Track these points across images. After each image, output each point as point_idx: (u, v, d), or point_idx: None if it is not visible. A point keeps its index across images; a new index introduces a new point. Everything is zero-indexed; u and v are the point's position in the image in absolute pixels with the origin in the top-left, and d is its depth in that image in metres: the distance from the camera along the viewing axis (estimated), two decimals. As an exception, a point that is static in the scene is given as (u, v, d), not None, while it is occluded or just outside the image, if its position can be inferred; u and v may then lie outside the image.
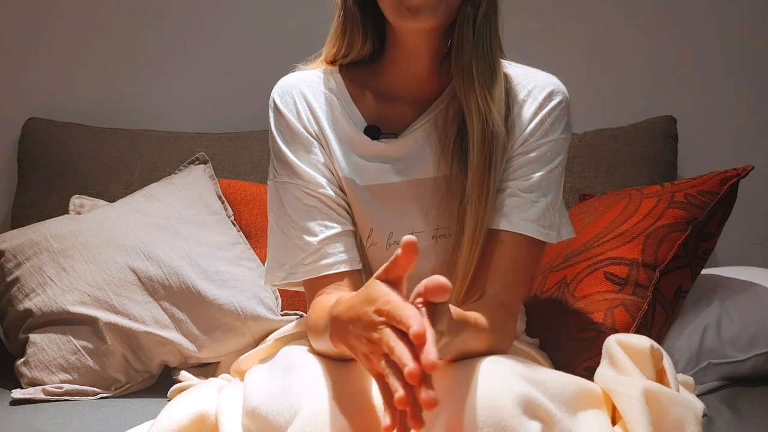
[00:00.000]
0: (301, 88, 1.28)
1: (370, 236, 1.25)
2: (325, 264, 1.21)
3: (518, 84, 1.26)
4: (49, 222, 1.60)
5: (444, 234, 1.24)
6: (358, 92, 1.28)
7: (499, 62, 1.22)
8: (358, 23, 1.23)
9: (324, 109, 1.27)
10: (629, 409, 1.06)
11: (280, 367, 1.15)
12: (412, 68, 1.26)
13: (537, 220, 1.21)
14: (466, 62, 1.19)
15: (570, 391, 1.07)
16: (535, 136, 1.24)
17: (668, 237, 1.43)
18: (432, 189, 1.24)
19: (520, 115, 1.24)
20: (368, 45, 1.25)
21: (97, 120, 2.05)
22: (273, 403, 1.06)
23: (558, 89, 1.26)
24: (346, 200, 1.25)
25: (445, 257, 1.24)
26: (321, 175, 1.24)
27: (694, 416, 1.11)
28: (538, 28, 2.08)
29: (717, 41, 2.09)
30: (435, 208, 1.24)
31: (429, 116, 1.26)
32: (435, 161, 1.24)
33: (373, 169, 1.25)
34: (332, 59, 1.28)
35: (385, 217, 1.25)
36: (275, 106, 1.28)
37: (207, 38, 2.11)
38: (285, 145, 1.26)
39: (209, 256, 1.56)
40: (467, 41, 1.19)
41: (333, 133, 1.26)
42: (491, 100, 1.19)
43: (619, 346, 1.19)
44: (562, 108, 1.26)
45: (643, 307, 1.38)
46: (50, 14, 2.09)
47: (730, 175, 1.47)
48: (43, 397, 1.42)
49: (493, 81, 1.20)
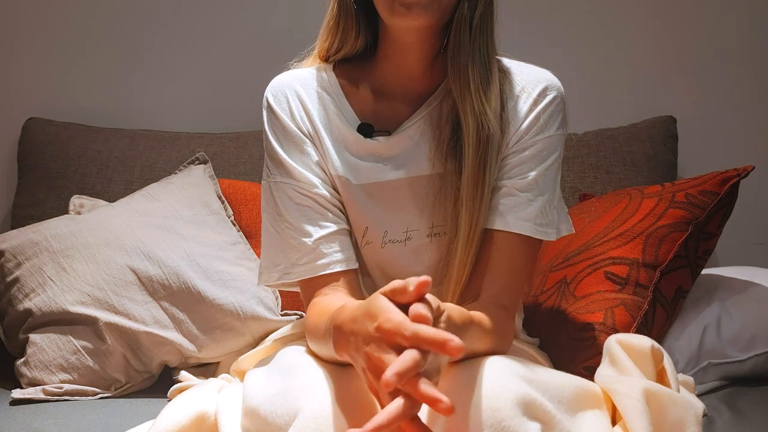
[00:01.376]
0: (295, 86, 1.27)
1: (365, 235, 1.24)
2: (321, 264, 1.20)
3: (512, 80, 1.25)
4: (49, 222, 1.60)
5: (438, 233, 1.24)
6: (352, 89, 1.27)
7: (494, 63, 1.21)
8: (352, 16, 1.22)
9: (317, 107, 1.26)
10: (629, 409, 1.06)
11: (279, 368, 1.15)
12: (405, 64, 1.25)
13: (534, 219, 1.21)
14: (462, 64, 1.18)
15: (570, 392, 1.07)
16: (530, 134, 1.23)
17: (669, 237, 1.43)
18: (427, 186, 1.24)
19: (515, 111, 1.23)
20: (361, 40, 1.25)
21: (97, 120, 2.05)
22: (272, 405, 1.06)
23: (552, 84, 1.25)
24: (340, 200, 1.25)
25: (440, 256, 1.24)
26: (314, 175, 1.23)
27: (694, 416, 1.11)
28: (538, 27, 2.08)
29: (717, 41, 2.09)
30: (429, 207, 1.24)
31: (423, 113, 1.25)
32: (429, 159, 1.24)
33: (367, 167, 1.24)
34: (325, 54, 1.28)
35: (379, 215, 1.24)
36: (269, 105, 1.27)
37: (207, 38, 2.11)
38: (278, 145, 1.25)
39: (209, 256, 1.56)
40: (464, 43, 1.18)
41: (326, 132, 1.25)
42: (486, 102, 1.18)
43: (619, 346, 1.19)
44: (557, 104, 1.25)
45: (644, 307, 1.38)
46: (50, 14, 2.09)
47: (730, 175, 1.47)
48: (43, 397, 1.42)
49: (488, 83, 1.19)
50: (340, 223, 1.23)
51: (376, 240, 1.25)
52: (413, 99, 1.26)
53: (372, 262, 1.26)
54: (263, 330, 1.51)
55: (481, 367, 1.03)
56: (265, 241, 1.26)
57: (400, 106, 1.26)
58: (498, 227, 1.20)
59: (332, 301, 1.16)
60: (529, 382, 1.02)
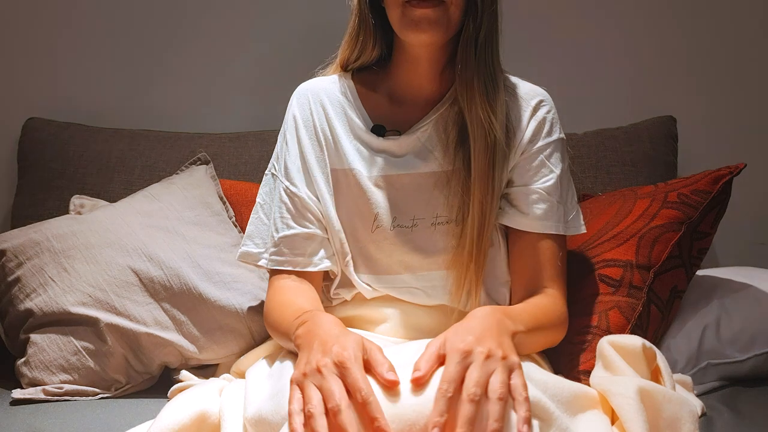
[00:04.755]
0: (318, 93, 1.41)
1: (375, 220, 1.35)
2: (280, 260, 1.35)
3: (512, 93, 1.37)
4: (51, 222, 1.59)
5: (442, 222, 1.34)
6: (368, 94, 1.41)
7: (500, 76, 1.34)
8: (370, 29, 1.36)
9: (337, 110, 1.40)
10: (625, 408, 1.07)
11: (278, 370, 1.16)
12: (415, 74, 1.37)
13: (554, 218, 1.33)
14: (468, 79, 1.30)
15: (569, 393, 1.08)
16: (534, 142, 1.35)
17: (662, 237, 1.43)
18: (433, 182, 1.34)
19: (518, 120, 1.36)
20: (377, 50, 1.38)
21: (97, 120, 2.05)
22: (272, 404, 1.07)
23: (545, 97, 1.39)
24: (320, 210, 1.36)
25: (446, 243, 1.33)
26: (306, 184, 1.37)
27: (690, 413, 1.12)
28: (538, 28, 2.08)
29: (717, 41, 2.09)
30: (435, 199, 1.34)
31: (431, 117, 1.36)
32: (436, 158, 1.35)
33: (379, 162, 1.36)
34: (345, 63, 1.42)
35: (388, 204, 1.35)
36: (292, 108, 1.42)
37: (207, 38, 2.11)
38: (287, 145, 1.40)
39: (210, 257, 1.56)
40: (470, 59, 1.30)
41: (344, 132, 1.38)
42: (493, 113, 1.30)
43: (611, 347, 1.20)
44: (554, 113, 1.39)
45: (638, 309, 1.38)
46: (50, 14, 2.09)
47: (722, 173, 1.47)
48: (44, 397, 1.42)
49: (495, 95, 1.31)
50: (311, 228, 1.35)
51: (385, 224, 1.34)
52: (423, 104, 1.38)
53: (384, 242, 1.34)
54: (264, 331, 1.51)
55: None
56: (253, 219, 1.41)
57: (410, 111, 1.39)
58: (520, 227, 1.34)
59: (292, 294, 1.32)
60: (529, 380, 1.03)
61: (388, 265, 1.34)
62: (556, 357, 1.37)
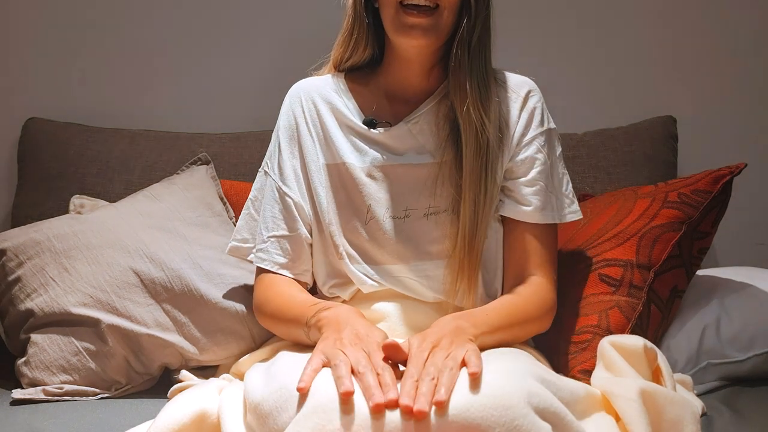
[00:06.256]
0: (310, 91, 1.45)
1: (369, 212, 1.38)
2: (264, 259, 1.41)
3: (503, 86, 1.40)
4: (52, 221, 1.59)
5: (434, 212, 1.36)
6: (359, 91, 1.44)
7: (491, 76, 1.37)
8: (363, 30, 1.40)
9: (329, 107, 1.43)
10: (628, 411, 1.07)
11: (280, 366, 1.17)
12: (405, 73, 1.41)
13: (544, 208, 1.36)
14: (461, 81, 1.33)
15: (579, 394, 1.08)
16: (526, 134, 1.38)
17: (662, 237, 1.43)
18: (424, 173, 1.37)
19: (509, 113, 1.38)
20: (368, 51, 1.42)
21: (97, 120, 2.04)
22: (275, 399, 1.07)
23: (533, 87, 1.42)
24: (309, 211, 1.41)
25: (441, 232, 1.35)
26: (297, 183, 1.41)
27: (692, 414, 1.12)
28: (537, 28, 2.08)
29: (717, 41, 2.09)
30: (427, 190, 1.37)
31: (421, 111, 1.40)
32: (428, 150, 1.38)
33: (371, 154, 1.39)
34: (337, 63, 1.46)
35: (381, 195, 1.38)
36: (285, 107, 1.46)
37: (207, 38, 2.11)
38: (280, 145, 1.44)
39: (211, 258, 1.56)
40: (463, 62, 1.33)
41: (336, 127, 1.42)
42: (485, 114, 1.33)
43: (612, 348, 1.20)
44: (542, 103, 1.41)
45: (638, 308, 1.38)
46: (50, 14, 2.09)
47: (723, 173, 1.47)
48: (44, 397, 1.42)
49: (487, 95, 1.34)
50: (297, 230, 1.40)
51: (378, 215, 1.37)
52: (414, 99, 1.41)
53: (379, 234, 1.37)
54: (265, 333, 1.51)
55: (493, 365, 1.04)
56: (244, 215, 1.47)
57: (402, 105, 1.42)
58: (517, 218, 1.36)
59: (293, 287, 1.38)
60: (542, 382, 1.03)
61: (383, 256, 1.36)
62: (556, 356, 1.37)
